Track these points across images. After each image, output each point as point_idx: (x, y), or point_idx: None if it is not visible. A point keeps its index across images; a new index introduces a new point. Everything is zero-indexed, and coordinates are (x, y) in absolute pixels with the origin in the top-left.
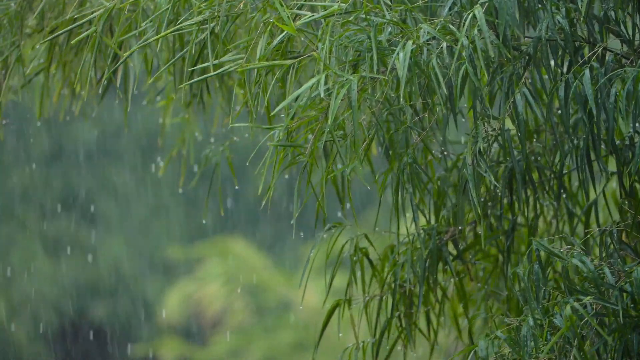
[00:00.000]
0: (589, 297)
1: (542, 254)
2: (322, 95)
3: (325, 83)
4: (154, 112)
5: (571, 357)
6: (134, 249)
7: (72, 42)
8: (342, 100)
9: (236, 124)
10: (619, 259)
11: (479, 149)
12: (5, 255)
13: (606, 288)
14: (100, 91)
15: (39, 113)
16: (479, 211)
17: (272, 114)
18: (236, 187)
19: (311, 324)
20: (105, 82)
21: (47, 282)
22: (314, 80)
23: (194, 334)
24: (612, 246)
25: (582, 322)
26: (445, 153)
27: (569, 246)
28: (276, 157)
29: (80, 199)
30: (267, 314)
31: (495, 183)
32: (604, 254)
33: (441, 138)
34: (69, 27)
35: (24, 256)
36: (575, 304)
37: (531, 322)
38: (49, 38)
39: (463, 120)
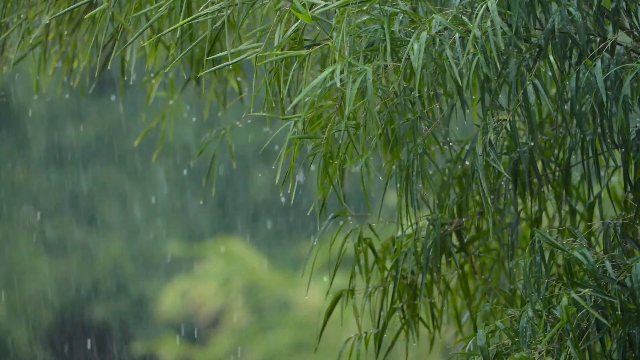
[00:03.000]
0: (587, 290)
1: (544, 246)
2: (338, 84)
3: (340, 73)
4: (154, 111)
5: (568, 351)
6: (133, 249)
7: (86, 16)
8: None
9: (257, 114)
10: (622, 253)
11: (490, 139)
12: (5, 255)
13: (606, 282)
14: (101, 68)
15: (36, 86)
16: (489, 201)
17: (293, 103)
18: (234, 167)
19: (311, 324)
20: (104, 59)
21: (46, 281)
22: (329, 70)
23: (193, 333)
24: (615, 240)
25: (580, 314)
26: (450, 144)
27: (571, 239)
28: (294, 149)
29: (79, 198)
30: (266, 313)
31: (506, 174)
32: (607, 247)
33: (446, 129)
34: (78, 4)
35: (23, 256)
36: (574, 295)
37: (530, 313)
38: (57, 14)
39: (468, 111)
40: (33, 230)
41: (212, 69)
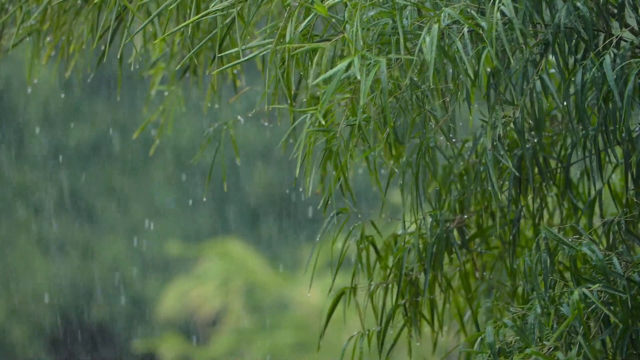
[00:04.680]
0: (597, 285)
1: (550, 242)
2: (358, 76)
3: (352, 66)
4: (154, 106)
5: (577, 345)
6: (133, 248)
7: (96, 1)
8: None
9: (278, 106)
10: (626, 249)
11: (499, 134)
12: (5, 255)
13: (614, 277)
14: (101, 58)
15: (28, 76)
16: (499, 195)
17: (317, 81)
18: (237, 162)
19: (311, 323)
20: (104, 49)
21: (46, 281)
22: (345, 61)
23: (193, 333)
24: (619, 237)
25: (589, 310)
26: (453, 140)
27: (576, 236)
28: (310, 141)
29: (78, 198)
30: (265, 314)
31: (514, 170)
32: (610, 244)
33: (452, 125)
34: None
35: (22, 256)
36: (585, 290)
37: (538, 310)
38: (57, 1)
39: (471, 106)
40: (32, 230)
41: (226, 67)
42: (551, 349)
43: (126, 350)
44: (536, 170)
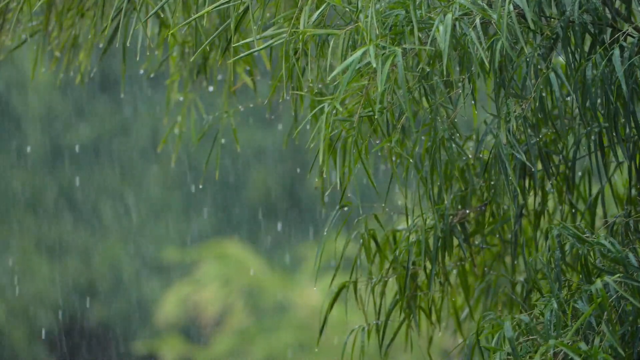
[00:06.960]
0: (617, 275)
1: (562, 239)
2: (374, 64)
3: (367, 55)
4: (153, 112)
5: (599, 336)
6: (133, 250)
7: None
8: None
9: (299, 92)
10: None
11: (512, 127)
12: (4, 256)
13: (633, 270)
14: (105, 48)
15: (32, 75)
16: (517, 187)
17: (332, 75)
18: (238, 150)
19: (311, 324)
20: (107, 41)
21: (45, 283)
22: (360, 50)
23: (193, 335)
24: (627, 236)
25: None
26: (458, 135)
27: (585, 235)
28: (327, 131)
29: (78, 200)
30: (266, 314)
31: (529, 164)
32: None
33: (464, 117)
34: None
35: (22, 257)
36: (607, 279)
37: (555, 306)
38: None
39: (473, 102)
40: (33, 232)
41: (239, 56)
42: (570, 344)
43: (127, 352)
44: (539, 167)
